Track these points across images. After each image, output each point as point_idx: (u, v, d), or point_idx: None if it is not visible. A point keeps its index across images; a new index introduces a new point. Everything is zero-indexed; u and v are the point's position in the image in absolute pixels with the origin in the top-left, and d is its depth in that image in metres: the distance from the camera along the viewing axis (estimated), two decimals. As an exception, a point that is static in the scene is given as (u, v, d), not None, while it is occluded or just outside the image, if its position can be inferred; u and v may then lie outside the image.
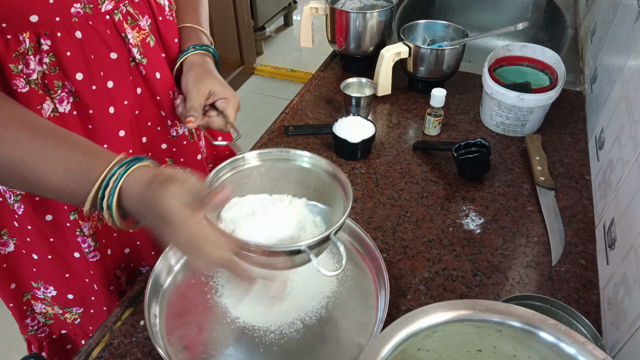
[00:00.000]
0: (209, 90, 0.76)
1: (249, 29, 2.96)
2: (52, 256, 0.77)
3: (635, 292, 0.60)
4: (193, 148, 0.84)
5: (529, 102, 0.97)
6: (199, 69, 0.77)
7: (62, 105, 0.65)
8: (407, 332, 0.44)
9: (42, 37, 0.60)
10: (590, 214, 0.86)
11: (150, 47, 0.72)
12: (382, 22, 1.17)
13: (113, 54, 0.67)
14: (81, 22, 0.62)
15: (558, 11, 1.52)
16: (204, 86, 0.75)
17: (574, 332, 0.43)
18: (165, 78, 0.75)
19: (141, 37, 0.70)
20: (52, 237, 0.75)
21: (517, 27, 1.01)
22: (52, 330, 0.90)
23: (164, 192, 0.50)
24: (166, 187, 0.50)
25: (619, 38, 0.97)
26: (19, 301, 0.83)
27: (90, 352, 0.67)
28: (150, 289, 0.69)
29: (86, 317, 0.86)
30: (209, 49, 0.81)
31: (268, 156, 0.68)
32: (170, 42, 0.77)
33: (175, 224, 0.50)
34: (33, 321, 0.87)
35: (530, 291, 0.74)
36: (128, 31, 0.68)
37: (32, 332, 0.88)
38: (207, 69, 0.78)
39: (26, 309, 0.85)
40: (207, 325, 0.68)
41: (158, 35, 0.75)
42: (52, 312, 0.87)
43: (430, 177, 0.95)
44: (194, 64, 0.77)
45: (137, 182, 0.52)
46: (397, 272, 0.77)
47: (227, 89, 0.77)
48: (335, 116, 1.11)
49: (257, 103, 2.93)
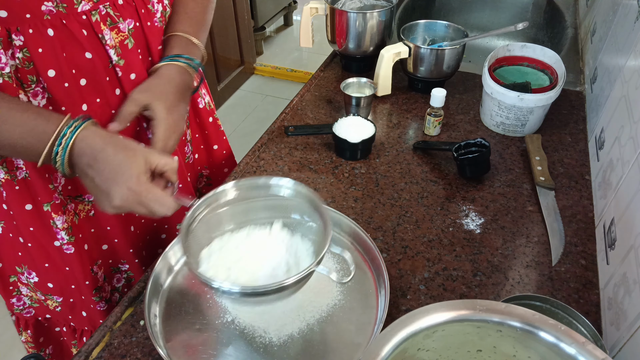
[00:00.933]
0: (147, 104, 0.72)
1: (249, 29, 2.96)
2: (32, 245, 0.78)
3: (635, 292, 0.60)
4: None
5: (529, 102, 0.97)
6: (153, 81, 0.73)
7: (37, 99, 0.66)
8: (407, 332, 0.44)
9: (14, 32, 0.61)
10: (590, 214, 0.86)
11: (129, 49, 0.71)
12: (382, 22, 1.17)
13: (88, 53, 0.67)
14: (54, 20, 0.63)
15: (558, 11, 1.52)
16: (143, 97, 0.72)
17: (574, 332, 0.43)
18: (140, 80, 0.74)
19: (120, 39, 0.70)
20: (32, 227, 0.76)
21: (517, 27, 1.01)
22: (37, 313, 0.92)
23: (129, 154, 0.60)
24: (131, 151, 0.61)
25: (619, 38, 0.97)
26: (6, 281, 0.85)
27: (90, 352, 0.67)
28: (150, 289, 0.69)
29: (66, 306, 0.87)
30: (192, 62, 0.77)
31: (242, 186, 0.69)
32: (154, 49, 0.76)
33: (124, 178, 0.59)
34: (19, 302, 0.89)
35: (530, 291, 0.74)
36: (106, 32, 0.68)
37: (18, 311, 0.90)
38: (161, 82, 0.73)
39: (12, 289, 0.87)
40: (207, 326, 0.68)
41: (143, 40, 0.74)
42: (36, 297, 0.88)
43: (430, 177, 0.95)
44: (155, 74, 0.74)
45: (94, 137, 0.60)
46: (397, 272, 0.77)
47: (161, 111, 0.72)
48: (335, 116, 1.11)
49: (257, 103, 2.94)
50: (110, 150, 0.59)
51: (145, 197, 0.60)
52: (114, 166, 0.59)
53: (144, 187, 0.60)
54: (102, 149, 0.59)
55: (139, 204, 0.61)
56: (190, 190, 0.90)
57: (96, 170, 0.59)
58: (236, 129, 2.71)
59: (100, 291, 0.85)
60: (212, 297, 0.71)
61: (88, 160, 0.59)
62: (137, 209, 0.61)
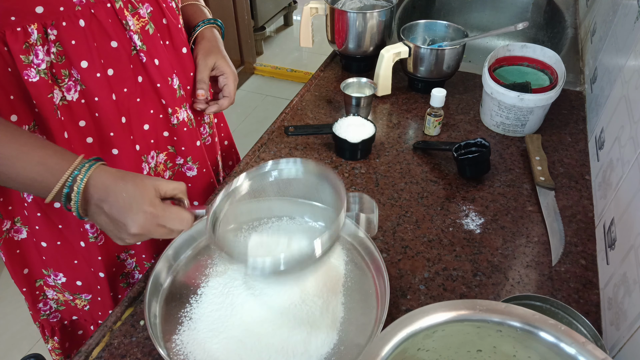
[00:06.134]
0: (214, 63, 0.85)
1: (249, 29, 2.96)
2: (61, 242, 0.79)
3: (635, 292, 0.60)
4: (192, 135, 0.85)
5: (529, 102, 0.97)
6: (207, 44, 0.86)
7: (70, 93, 0.68)
8: (407, 332, 0.44)
9: (49, 27, 0.62)
10: (590, 214, 0.86)
11: (150, 34, 0.73)
12: (382, 22, 1.17)
13: (113, 42, 0.69)
14: (84, 10, 0.64)
15: (558, 11, 1.52)
16: (210, 60, 0.85)
17: (574, 332, 0.43)
18: (164, 65, 0.76)
19: (141, 25, 0.72)
20: (60, 224, 0.77)
21: (517, 27, 1.01)
22: (63, 316, 0.92)
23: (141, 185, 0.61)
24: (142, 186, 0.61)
25: (619, 38, 0.97)
26: (32, 286, 0.86)
27: (90, 352, 0.67)
28: (150, 289, 0.69)
29: (95, 304, 0.88)
30: (217, 22, 0.90)
31: (255, 174, 0.69)
32: (173, 30, 0.79)
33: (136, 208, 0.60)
34: (45, 306, 0.89)
35: (530, 291, 0.74)
36: (129, 18, 0.69)
37: (44, 317, 0.90)
38: (214, 44, 0.87)
39: (39, 294, 0.87)
40: (207, 326, 0.67)
41: (162, 24, 0.76)
42: (63, 299, 0.89)
43: (430, 177, 0.95)
44: (202, 38, 0.86)
45: (105, 174, 0.61)
46: (397, 272, 0.77)
47: (227, 65, 0.87)
48: (335, 116, 1.11)
49: (257, 103, 2.93)
50: (120, 183, 0.60)
51: (163, 217, 0.61)
52: (127, 197, 0.60)
53: (159, 208, 0.61)
54: (114, 183, 0.60)
55: (157, 226, 0.61)
56: (210, 175, 0.93)
57: (110, 203, 0.60)
58: (236, 129, 2.71)
59: (127, 277, 0.87)
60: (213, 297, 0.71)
61: (100, 195, 0.60)
62: (156, 231, 0.62)
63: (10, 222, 0.77)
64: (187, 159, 0.86)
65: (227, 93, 0.87)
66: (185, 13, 0.87)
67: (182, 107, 0.81)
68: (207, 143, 0.94)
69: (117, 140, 0.74)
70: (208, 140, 0.94)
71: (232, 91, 0.88)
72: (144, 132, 0.78)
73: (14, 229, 0.78)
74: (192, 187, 0.90)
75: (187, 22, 0.88)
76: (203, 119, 0.92)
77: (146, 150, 0.79)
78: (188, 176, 0.88)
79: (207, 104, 0.87)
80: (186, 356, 0.64)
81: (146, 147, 0.79)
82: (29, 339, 1.72)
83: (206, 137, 0.94)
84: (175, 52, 0.80)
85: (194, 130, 0.85)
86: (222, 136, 1.04)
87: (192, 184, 0.90)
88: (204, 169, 0.90)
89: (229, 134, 1.06)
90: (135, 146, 0.77)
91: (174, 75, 0.79)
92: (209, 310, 0.68)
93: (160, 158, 0.83)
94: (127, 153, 0.76)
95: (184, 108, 0.82)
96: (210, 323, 0.67)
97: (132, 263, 0.87)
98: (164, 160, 0.84)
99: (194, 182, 0.90)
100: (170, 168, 0.86)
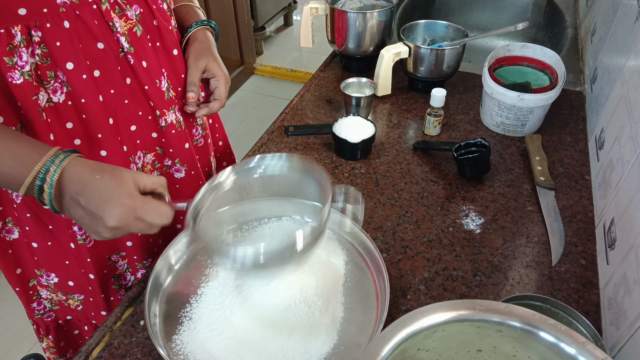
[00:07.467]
0: (205, 65, 0.84)
1: (249, 29, 2.95)
2: (52, 243, 0.78)
3: (635, 292, 0.60)
4: (181, 137, 0.85)
5: (529, 102, 0.97)
6: (198, 45, 0.85)
7: (56, 95, 0.67)
8: (407, 332, 0.44)
9: (33, 29, 0.62)
10: (590, 214, 0.86)
11: (137, 36, 0.73)
12: (382, 22, 1.17)
13: (100, 44, 0.68)
14: (68, 12, 0.64)
15: (558, 11, 1.52)
16: (202, 62, 0.83)
17: (574, 332, 0.43)
18: (152, 67, 0.76)
19: (128, 27, 0.71)
20: (50, 225, 0.76)
21: (517, 27, 1.01)
22: (58, 316, 0.92)
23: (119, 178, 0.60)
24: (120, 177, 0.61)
25: (619, 38, 0.97)
26: (25, 286, 0.85)
27: (90, 352, 0.67)
28: (150, 289, 0.69)
29: (87, 304, 0.88)
30: (211, 24, 0.89)
31: (239, 170, 0.69)
32: (164, 29, 0.78)
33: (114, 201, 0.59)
34: (39, 305, 0.89)
35: (530, 291, 0.74)
36: (115, 20, 0.69)
37: (38, 316, 0.90)
38: (206, 46, 0.85)
39: (32, 293, 0.87)
40: (207, 326, 0.67)
41: (151, 26, 0.76)
42: (56, 299, 0.88)
43: (430, 177, 0.95)
44: (194, 40, 0.85)
45: (80, 166, 0.60)
46: (397, 272, 0.77)
47: (218, 67, 0.85)
48: (335, 116, 1.11)
49: (257, 103, 2.93)
50: (97, 175, 0.59)
51: (142, 210, 0.60)
52: (104, 189, 0.59)
53: (138, 201, 0.60)
54: (90, 175, 0.59)
55: (135, 219, 0.60)
56: (201, 177, 0.92)
57: (86, 196, 0.59)
58: (236, 129, 2.71)
59: (120, 279, 0.86)
60: (213, 297, 0.71)
61: (76, 188, 0.59)
62: (134, 225, 0.60)
63: (2, 223, 0.77)
64: (175, 161, 0.85)
65: (218, 96, 0.86)
66: (178, 14, 0.86)
67: (170, 109, 0.80)
68: (199, 145, 0.93)
69: (105, 141, 0.73)
70: (200, 141, 0.93)
71: (223, 94, 0.86)
72: (131, 132, 0.78)
73: (5, 229, 0.78)
74: (180, 189, 0.89)
75: (180, 24, 0.86)
76: (195, 121, 0.91)
77: (133, 151, 0.79)
78: (176, 177, 0.87)
79: (198, 107, 0.86)
80: (186, 356, 0.64)
81: (133, 147, 0.78)
82: (29, 339, 1.71)
83: (198, 139, 0.93)
84: (166, 54, 0.79)
85: (183, 133, 0.85)
86: (217, 137, 1.03)
87: (179, 185, 0.88)
88: (193, 171, 0.89)
89: (224, 135, 1.05)
90: (123, 147, 0.76)
91: (163, 78, 0.78)
92: (209, 310, 0.68)
93: (147, 158, 0.82)
94: (115, 154, 0.75)
95: (173, 110, 0.81)
96: (210, 323, 0.67)
97: (124, 265, 0.86)
98: (151, 161, 0.83)
99: (181, 184, 0.88)
100: (158, 169, 0.85)
